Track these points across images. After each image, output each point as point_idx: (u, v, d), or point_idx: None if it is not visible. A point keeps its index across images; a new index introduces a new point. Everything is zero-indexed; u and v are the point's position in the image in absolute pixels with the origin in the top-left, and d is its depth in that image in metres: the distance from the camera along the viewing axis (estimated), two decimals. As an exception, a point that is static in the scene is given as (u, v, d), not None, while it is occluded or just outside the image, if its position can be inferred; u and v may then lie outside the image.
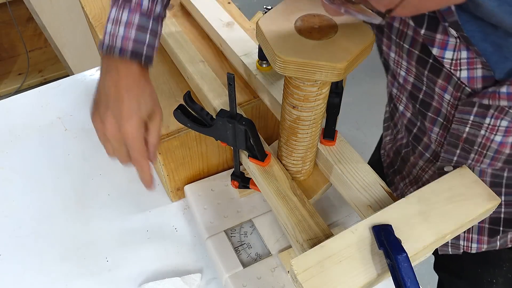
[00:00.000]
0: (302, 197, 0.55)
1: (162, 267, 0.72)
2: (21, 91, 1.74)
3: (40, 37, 2.15)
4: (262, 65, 0.67)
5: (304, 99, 0.49)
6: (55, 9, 1.67)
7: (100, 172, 0.85)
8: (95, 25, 0.86)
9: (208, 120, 0.58)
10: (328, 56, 0.41)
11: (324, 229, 0.52)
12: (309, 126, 0.53)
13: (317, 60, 0.41)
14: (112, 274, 0.72)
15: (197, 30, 0.84)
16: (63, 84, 1.01)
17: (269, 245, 0.70)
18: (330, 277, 0.43)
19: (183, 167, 0.75)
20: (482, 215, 0.49)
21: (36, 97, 0.98)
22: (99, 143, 0.91)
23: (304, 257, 0.45)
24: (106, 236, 0.76)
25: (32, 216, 0.79)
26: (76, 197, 0.81)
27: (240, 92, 0.72)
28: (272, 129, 0.78)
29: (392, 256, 0.44)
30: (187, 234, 0.76)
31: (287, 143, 0.57)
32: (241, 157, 0.63)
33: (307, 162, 0.60)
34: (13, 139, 0.91)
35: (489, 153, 0.56)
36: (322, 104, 0.51)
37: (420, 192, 0.50)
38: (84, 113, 0.95)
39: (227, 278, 0.66)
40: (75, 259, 0.73)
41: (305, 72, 0.43)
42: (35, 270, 0.72)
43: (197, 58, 0.73)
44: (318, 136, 0.57)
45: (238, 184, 0.67)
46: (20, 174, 0.85)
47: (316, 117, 0.52)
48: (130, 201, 0.81)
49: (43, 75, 2.22)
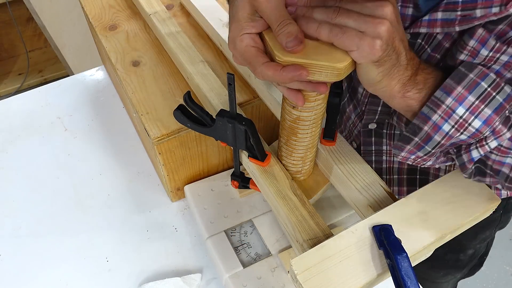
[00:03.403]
0: (302, 197, 0.55)
1: (162, 267, 0.72)
2: (21, 91, 1.74)
3: (40, 37, 2.15)
4: (262, 65, 0.67)
5: (304, 99, 0.49)
6: (55, 9, 1.67)
7: (100, 172, 0.85)
8: (95, 25, 0.86)
9: (208, 120, 0.58)
10: (328, 56, 0.41)
11: (324, 229, 0.52)
12: (309, 126, 0.53)
13: (317, 60, 0.41)
14: (112, 274, 0.72)
15: (197, 30, 0.84)
16: (63, 84, 1.01)
17: (269, 245, 0.70)
18: (330, 277, 0.43)
19: (183, 167, 0.75)
20: (482, 214, 0.50)
21: (36, 97, 0.99)
22: (99, 143, 0.91)
23: (304, 257, 0.45)
24: (106, 236, 0.76)
25: (32, 216, 0.79)
26: (76, 197, 0.81)
27: (240, 92, 0.72)
28: (272, 129, 0.78)
29: (392, 256, 0.44)
30: (187, 234, 0.76)
31: (287, 143, 0.57)
32: (241, 157, 0.63)
33: (307, 162, 0.60)
34: (13, 139, 0.91)
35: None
36: (322, 104, 0.51)
37: (420, 192, 0.50)
38: (84, 113, 0.95)
39: (227, 278, 0.66)
40: (75, 259, 0.73)
41: None
42: (35, 270, 0.72)
43: (197, 58, 0.73)
44: (318, 136, 0.57)
45: (238, 184, 0.67)
46: (20, 174, 0.85)
47: (316, 117, 0.52)
48: (130, 201, 0.81)
49: (43, 75, 2.22)
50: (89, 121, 0.94)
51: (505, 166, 0.46)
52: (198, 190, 0.77)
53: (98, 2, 0.91)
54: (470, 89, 0.43)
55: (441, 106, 0.43)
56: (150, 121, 0.69)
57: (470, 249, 0.82)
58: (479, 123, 0.43)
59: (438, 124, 0.44)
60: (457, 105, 0.43)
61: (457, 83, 0.43)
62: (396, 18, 0.40)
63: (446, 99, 0.43)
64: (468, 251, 0.83)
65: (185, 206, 0.80)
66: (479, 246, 0.83)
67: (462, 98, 0.43)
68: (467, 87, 0.43)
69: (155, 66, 0.78)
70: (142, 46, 0.82)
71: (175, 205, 0.81)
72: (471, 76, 0.43)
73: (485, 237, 0.81)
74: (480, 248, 0.84)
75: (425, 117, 0.45)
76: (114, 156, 0.87)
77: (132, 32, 0.85)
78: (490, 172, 0.47)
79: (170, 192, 0.79)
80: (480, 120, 0.43)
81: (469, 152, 0.46)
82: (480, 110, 0.43)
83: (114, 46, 0.82)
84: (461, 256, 0.83)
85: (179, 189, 0.79)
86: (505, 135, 0.44)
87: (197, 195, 0.77)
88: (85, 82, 1.02)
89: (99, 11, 0.89)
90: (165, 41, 0.77)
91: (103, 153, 0.89)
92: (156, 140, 0.67)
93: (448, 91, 0.43)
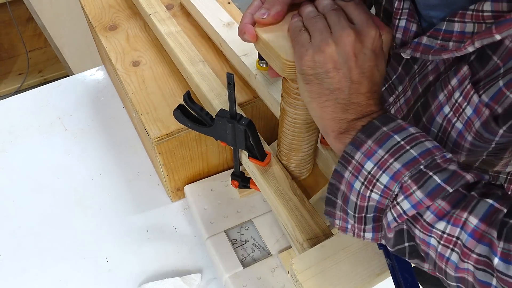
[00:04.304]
0: (302, 197, 0.55)
1: (162, 267, 0.72)
2: (21, 91, 1.74)
3: (40, 37, 2.15)
4: (262, 65, 0.67)
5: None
6: (55, 9, 1.67)
7: (100, 172, 0.85)
8: (95, 25, 0.86)
9: (208, 120, 0.58)
10: (286, 47, 0.42)
11: (324, 229, 0.52)
12: (308, 126, 0.53)
13: (273, 43, 0.42)
14: (112, 274, 0.72)
15: (197, 30, 0.84)
16: (63, 84, 1.01)
17: (269, 245, 0.70)
18: (330, 277, 0.43)
19: (183, 167, 0.75)
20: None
21: (36, 97, 0.99)
22: (99, 143, 0.91)
23: (304, 257, 0.45)
24: (106, 236, 0.76)
25: (32, 216, 0.79)
26: (76, 197, 0.81)
27: (240, 92, 0.72)
28: (272, 129, 0.78)
29: (392, 256, 0.44)
30: (187, 234, 0.76)
31: (286, 143, 0.57)
32: (241, 157, 0.63)
33: (307, 162, 0.60)
34: (13, 139, 0.91)
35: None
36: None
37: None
38: (84, 113, 0.95)
39: (227, 278, 0.66)
40: (75, 259, 0.73)
41: None
42: (35, 270, 0.72)
43: (197, 58, 0.73)
44: (317, 136, 0.57)
45: (238, 184, 0.67)
46: (20, 174, 0.85)
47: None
48: (130, 201, 0.81)
49: (43, 75, 2.21)
50: (89, 121, 0.94)
51: (430, 248, 0.37)
52: (198, 190, 0.77)
53: (98, 2, 0.91)
54: (381, 143, 0.38)
55: (351, 161, 0.39)
56: (150, 121, 0.69)
57: None
58: (386, 179, 0.38)
59: (350, 181, 0.40)
60: (365, 159, 0.39)
61: (367, 137, 0.39)
62: (356, 52, 0.39)
63: (355, 154, 0.39)
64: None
65: (185, 206, 0.80)
66: None
67: (372, 152, 0.38)
68: (377, 140, 0.38)
69: (155, 66, 0.78)
70: (142, 46, 0.82)
71: (175, 205, 0.81)
72: (384, 129, 0.39)
73: None
74: None
75: (339, 175, 0.41)
76: (114, 156, 0.87)
77: (132, 32, 0.85)
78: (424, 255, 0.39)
79: (170, 192, 0.79)
80: (388, 175, 0.38)
81: (386, 216, 0.39)
82: (389, 164, 0.38)
83: (114, 46, 0.82)
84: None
85: (179, 189, 0.79)
86: (416, 194, 0.36)
87: (197, 195, 0.77)
88: (85, 82, 1.02)
89: (99, 11, 0.89)
90: (165, 41, 0.77)
91: (103, 153, 0.89)
92: (156, 140, 0.67)
93: (358, 145, 0.39)
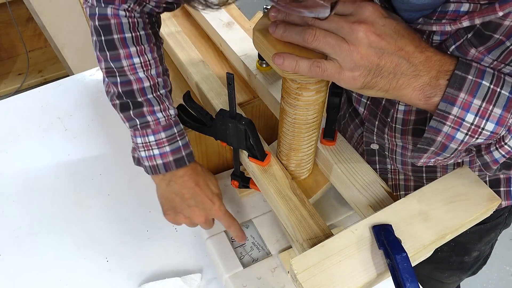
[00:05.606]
0: (302, 197, 0.55)
1: (162, 267, 0.72)
2: (21, 91, 1.74)
3: (40, 37, 2.15)
4: (262, 65, 0.67)
5: (303, 99, 0.49)
6: (55, 9, 1.67)
7: (100, 172, 0.85)
8: (95, 25, 0.86)
9: (208, 120, 0.58)
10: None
11: (324, 229, 0.52)
12: (308, 126, 0.53)
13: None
14: (112, 274, 0.72)
15: (197, 30, 0.84)
16: (63, 84, 1.01)
17: (269, 245, 0.70)
18: (330, 277, 0.43)
19: (183, 167, 0.75)
20: (482, 214, 0.49)
21: (36, 97, 0.99)
22: (99, 143, 0.91)
23: (304, 257, 0.45)
24: (106, 236, 0.76)
25: (32, 216, 0.79)
26: (76, 197, 0.81)
27: (240, 92, 0.72)
28: (272, 129, 0.78)
29: (392, 256, 0.44)
30: (187, 234, 0.76)
31: (286, 143, 0.57)
32: (241, 157, 0.63)
33: (307, 162, 0.60)
34: (13, 139, 0.91)
35: (397, 126, 0.57)
36: (321, 104, 0.51)
37: (420, 192, 0.50)
38: (84, 113, 0.95)
39: (227, 278, 0.66)
40: (75, 259, 0.73)
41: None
42: (35, 270, 0.72)
43: (197, 58, 0.73)
44: (318, 136, 0.57)
45: (238, 184, 0.67)
46: (20, 174, 0.85)
47: (315, 116, 0.52)
48: (130, 201, 0.81)
49: (43, 75, 2.22)
50: (89, 121, 0.94)
51: None
52: (198, 190, 0.77)
53: (98, 2, 0.91)
54: (473, 93, 0.40)
55: (448, 117, 0.41)
56: (150, 121, 0.69)
57: (475, 252, 0.81)
58: (492, 126, 0.41)
59: (451, 134, 0.42)
60: (464, 113, 0.41)
61: (458, 90, 0.40)
62: (377, 32, 0.39)
63: (452, 109, 0.41)
64: (473, 253, 0.81)
65: (185, 206, 0.80)
66: (484, 248, 0.82)
67: (468, 104, 0.40)
68: (469, 91, 0.40)
69: (155, 66, 0.78)
70: (142, 46, 0.82)
71: (175, 205, 0.81)
72: (470, 77, 0.40)
73: (490, 239, 0.80)
74: (485, 250, 0.83)
75: (435, 130, 0.43)
76: (114, 156, 0.87)
77: (132, 32, 0.85)
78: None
79: (170, 192, 0.78)
80: (492, 122, 0.41)
81: (491, 153, 0.44)
82: (490, 111, 0.40)
83: (114, 46, 0.81)
84: (465, 258, 0.82)
85: (179, 189, 0.79)
86: None
87: (197, 195, 0.77)
88: (85, 82, 1.02)
89: (99, 11, 0.89)
90: (165, 41, 0.77)
91: (103, 153, 0.89)
92: (156, 140, 0.67)
93: (452, 101, 0.41)
